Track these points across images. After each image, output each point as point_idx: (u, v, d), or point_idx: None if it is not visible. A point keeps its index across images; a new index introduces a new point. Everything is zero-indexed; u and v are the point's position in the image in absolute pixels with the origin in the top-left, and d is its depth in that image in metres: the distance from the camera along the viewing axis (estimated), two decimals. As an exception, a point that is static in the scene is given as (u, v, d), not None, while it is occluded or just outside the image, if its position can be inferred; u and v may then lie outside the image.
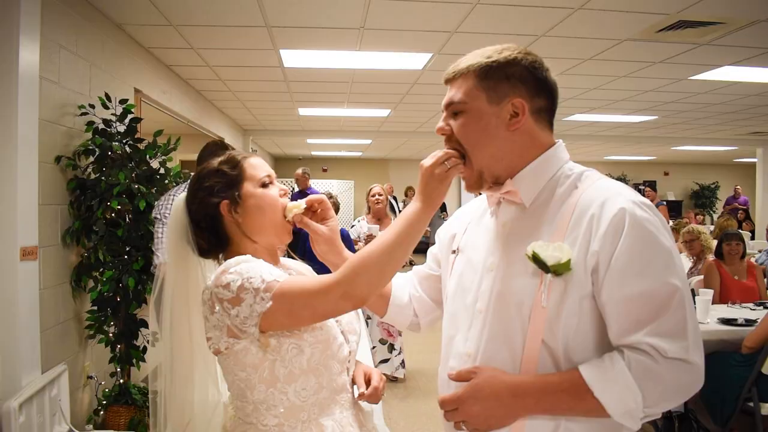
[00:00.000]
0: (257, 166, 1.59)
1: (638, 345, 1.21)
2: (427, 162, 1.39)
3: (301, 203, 1.59)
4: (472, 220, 1.57)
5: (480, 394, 1.28)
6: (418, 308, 1.71)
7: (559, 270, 1.24)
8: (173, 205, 1.64)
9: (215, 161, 1.60)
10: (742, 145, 11.95)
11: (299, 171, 8.94)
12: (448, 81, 1.44)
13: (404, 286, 1.73)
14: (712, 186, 18.19)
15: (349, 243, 5.42)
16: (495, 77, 1.36)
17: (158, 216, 3.71)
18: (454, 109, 1.40)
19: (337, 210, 5.52)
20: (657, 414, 1.25)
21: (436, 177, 1.37)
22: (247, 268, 1.42)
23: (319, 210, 1.63)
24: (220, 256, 1.60)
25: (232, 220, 1.55)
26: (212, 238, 1.57)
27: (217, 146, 4.04)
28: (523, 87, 1.37)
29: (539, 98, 1.38)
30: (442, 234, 1.69)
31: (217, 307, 1.41)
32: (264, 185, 1.57)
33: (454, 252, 1.56)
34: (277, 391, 1.44)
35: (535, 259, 1.26)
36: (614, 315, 1.23)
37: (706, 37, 4.69)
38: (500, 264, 1.38)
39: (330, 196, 5.60)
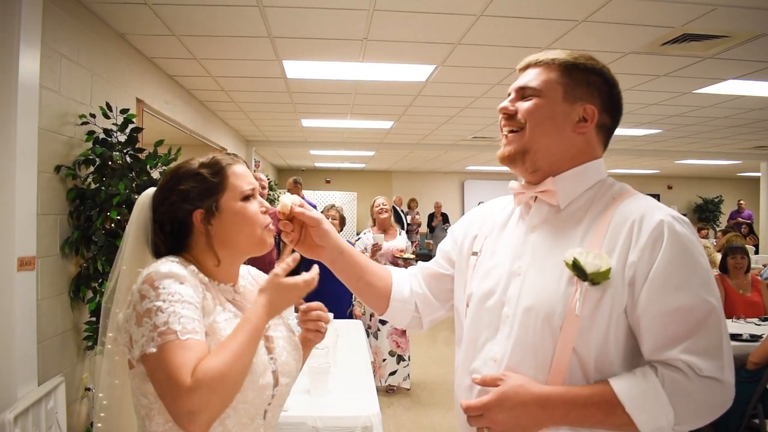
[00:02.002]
0: (241, 176, 1.47)
1: (673, 362, 1.19)
2: (279, 271, 1.39)
3: (295, 198, 1.54)
4: (495, 222, 1.54)
5: (507, 403, 1.25)
6: (422, 306, 1.67)
7: (598, 279, 1.22)
8: (137, 201, 1.52)
9: (196, 162, 1.48)
10: (746, 159, 11.92)
11: (291, 180, 8.91)
12: (527, 67, 1.45)
13: (405, 280, 1.70)
14: (716, 200, 18.14)
15: None
16: (577, 78, 1.39)
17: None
18: (526, 93, 1.41)
19: (342, 224, 5.49)
20: None
21: (286, 286, 1.39)
22: (169, 293, 1.26)
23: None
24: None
25: (202, 231, 1.43)
26: (172, 242, 1.46)
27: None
28: (598, 97, 1.39)
29: (607, 114, 1.41)
30: (459, 234, 1.65)
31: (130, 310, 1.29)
32: (245, 198, 1.45)
33: (475, 254, 1.53)
34: (176, 427, 1.26)
35: (575, 265, 1.24)
36: (649, 329, 1.22)
37: (710, 51, 4.67)
38: (530, 269, 1.36)
39: (332, 207, 5.57)
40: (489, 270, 1.45)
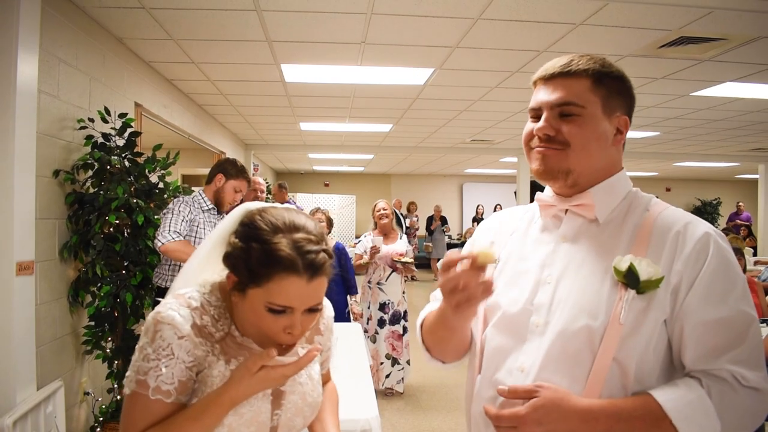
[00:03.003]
0: (286, 292, 1.24)
1: (718, 372, 1.18)
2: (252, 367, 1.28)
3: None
4: (516, 231, 1.49)
5: (546, 418, 1.18)
6: None
7: (648, 287, 1.21)
8: (233, 212, 1.40)
9: (273, 225, 1.28)
10: (744, 161, 11.94)
11: (276, 185, 8.89)
12: (551, 78, 1.36)
13: None
14: (714, 202, 18.16)
15: (345, 257, 5.39)
16: (610, 87, 1.34)
17: (173, 207, 3.75)
18: (566, 111, 1.33)
19: (330, 226, 5.50)
20: None
21: (259, 378, 1.28)
22: (160, 346, 1.26)
23: None
24: None
25: (230, 292, 1.33)
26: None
27: (230, 164, 4.05)
28: (626, 107, 1.38)
29: (629, 122, 1.39)
30: (477, 243, 1.52)
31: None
32: (272, 310, 1.26)
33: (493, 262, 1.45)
34: None
35: (629, 272, 1.22)
36: (691, 338, 1.20)
37: (707, 53, 4.68)
38: (562, 278, 1.32)
39: (318, 210, 5.55)
40: (512, 278, 1.40)
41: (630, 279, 1.21)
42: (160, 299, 3.77)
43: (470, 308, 1.29)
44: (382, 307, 5.56)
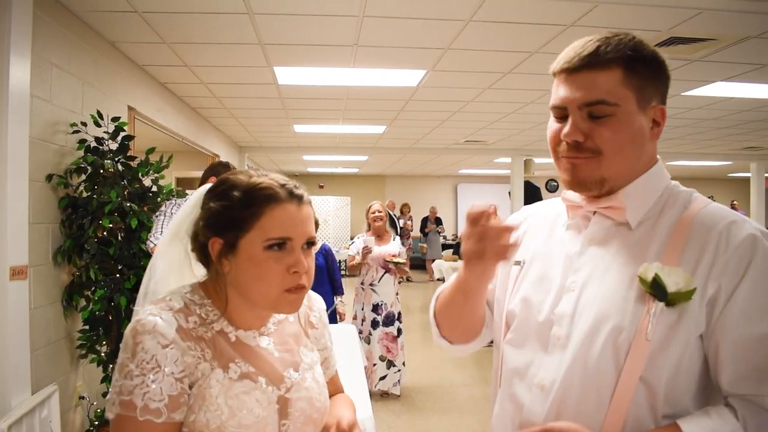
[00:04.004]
0: (281, 219, 1.21)
1: (758, 400, 1.04)
2: None
3: None
4: (539, 230, 1.37)
5: None
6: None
7: (677, 300, 1.07)
8: (193, 196, 1.36)
9: (245, 179, 1.25)
10: (736, 160, 12.00)
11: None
12: (576, 71, 1.17)
13: None
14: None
15: (332, 257, 5.40)
16: (643, 75, 1.16)
17: (164, 210, 3.75)
18: (596, 112, 1.15)
19: (316, 226, 5.50)
20: None
21: None
22: (144, 359, 1.13)
23: None
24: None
25: (217, 263, 1.25)
26: (201, 257, 1.30)
27: (222, 166, 4.06)
28: (661, 93, 1.21)
29: (665, 109, 1.22)
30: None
31: None
32: (273, 246, 1.20)
33: (517, 263, 1.35)
34: None
35: (655, 283, 1.08)
36: (729, 358, 1.07)
37: (697, 53, 4.72)
38: (587, 285, 1.19)
39: None
40: (535, 283, 1.28)
41: (657, 290, 1.08)
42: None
43: (483, 265, 1.23)
44: (375, 308, 5.58)
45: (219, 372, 1.19)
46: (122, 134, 3.97)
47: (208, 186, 1.33)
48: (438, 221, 15.68)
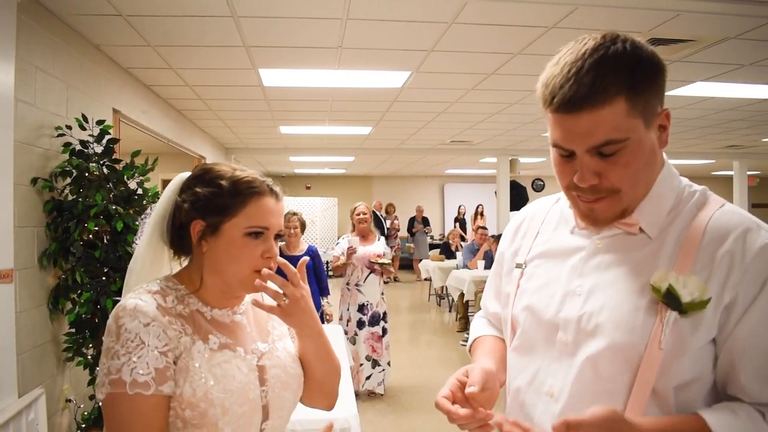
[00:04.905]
0: (263, 210, 1.33)
1: None
2: None
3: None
4: (540, 231, 1.33)
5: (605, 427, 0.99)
6: None
7: (691, 309, 1.04)
8: (169, 184, 1.44)
9: (229, 171, 1.37)
10: (719, 158, 12.14)
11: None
12: (573, 109, 1.06)
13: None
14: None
15: (318, 259, 5.43)
16: (646, 91, 1.07)
17: (150, 212, 3.72)
18: (607, 150, 1.07)
19: (303, 228, 5.53)
20: None
21: None
22: (128, 338, 1.20)
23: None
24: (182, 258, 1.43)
25: (197, 244, 1.34)
26: (177, 242, 1.40)
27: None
28: (662, 93, 1.13)
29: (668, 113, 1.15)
30: (501, 251, 1.45)
31: None
32: (252, 234, 1.32)
33: (519, 266, 1.32)
34: None
35: (668, 293, 1.05)
36: (747, 362, 1.04)
37: (678, 54, 4.78)
38: (595, 290, 1.15)
39: (290, 213, 5.56)
40: (539, 286, 1.26)
41: (670, 300, 1.05)
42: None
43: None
44: (361, 308, 5.60)
45: (200, 344, 1.29)
46: (107, 137, 3.97)
47: (178, 180, 1.43)
48: (425, 221, 15.73)
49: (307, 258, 1.45)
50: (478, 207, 15.88)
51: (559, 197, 1.35)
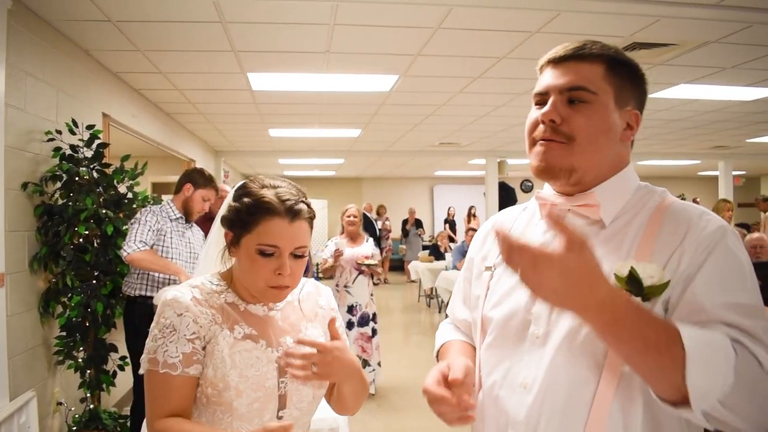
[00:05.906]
0: (273, 232, 1.42)
1: (751, 330, 1.04)
2: None
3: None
4: (512, 232, 1.35)
5: (573, 273, 0.96)
6: None
7: (652, 293, 1.10)
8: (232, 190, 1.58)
9: (257, 187, 1.47)
10: (704, 158, 12.26)
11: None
12: (561, 61, 1.24)
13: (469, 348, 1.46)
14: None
15: (308, 262, 5.45)
16: (623, 75, 1.23)
17: (139, 217, 3.79)
18: (575, 96, 1.21)
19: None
20: (714, 422, 1.02)
21: None
22: (164, 325, 1.41)
23: None
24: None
25: (229, 249, 1.52)
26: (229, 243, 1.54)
27: (196, 173, 4.11)
28: (638, 101, 1.26)
29: (640, 118, 1.27)
30: (470, 256, 1.50)
31: None
32: (262, 253, 1.42)
33: (488, 269, 1.38)
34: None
35: (631, 278, 1.10)
36: (703, 293, 1.08)
37: (660, 58, 4.86)
38: None
39: None
40: (510, 288, 1.29)
41: (632, 285, 1.10)
42: (131, 308, 3.83)
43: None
44: (350, 309, 5.64)
45: (226, 332, 1.44)
46: (97, 142, 4.00)
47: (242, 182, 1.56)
48: (418, 223, 15.77)
49: (336, 318, 1.57)
50: (470, 208, 15.90)
51: (526, 206, 1.43)
